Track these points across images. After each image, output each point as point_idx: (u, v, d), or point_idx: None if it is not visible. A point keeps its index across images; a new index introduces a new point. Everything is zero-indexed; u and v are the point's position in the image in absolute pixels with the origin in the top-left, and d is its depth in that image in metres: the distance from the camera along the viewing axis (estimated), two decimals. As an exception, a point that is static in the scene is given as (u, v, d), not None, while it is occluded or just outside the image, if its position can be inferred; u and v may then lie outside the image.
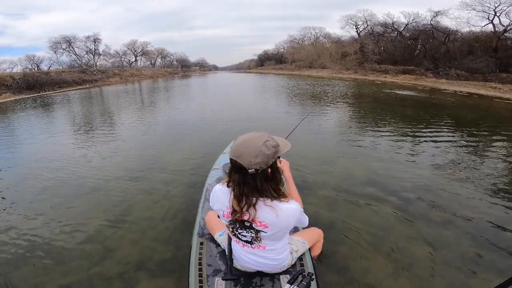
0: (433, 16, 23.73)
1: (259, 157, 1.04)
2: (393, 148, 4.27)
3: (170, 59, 57.26)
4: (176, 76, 43.17)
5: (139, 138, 5.40)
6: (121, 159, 4.07)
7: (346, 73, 27.96)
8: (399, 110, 8.21)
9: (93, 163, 3.93)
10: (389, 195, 2.74)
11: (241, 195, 1.08)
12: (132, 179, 3.27)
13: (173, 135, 5.49)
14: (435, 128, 5.69)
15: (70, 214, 2.56)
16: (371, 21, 30.81)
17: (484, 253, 1.93)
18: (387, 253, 1.94)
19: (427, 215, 2.41)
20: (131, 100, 12.55)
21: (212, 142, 4.69)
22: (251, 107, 9.39)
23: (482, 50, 20.02)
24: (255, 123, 6.37)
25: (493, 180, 3.12)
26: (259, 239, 1.19)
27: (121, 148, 4.66)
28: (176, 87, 20.12)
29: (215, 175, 2.43)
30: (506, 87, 14.57)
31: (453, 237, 2.12)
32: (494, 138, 5.05)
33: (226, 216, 1.19)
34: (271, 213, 1.10)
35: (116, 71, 35.91)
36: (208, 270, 1.41)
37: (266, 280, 1.34)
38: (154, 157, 4.07)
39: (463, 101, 10.81)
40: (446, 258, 1.89)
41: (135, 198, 2.82)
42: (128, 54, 44.44)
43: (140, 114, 8.32)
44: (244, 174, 1.06)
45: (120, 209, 2.62)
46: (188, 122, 6.67)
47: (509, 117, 7.87)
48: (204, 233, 1.68)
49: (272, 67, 51.08)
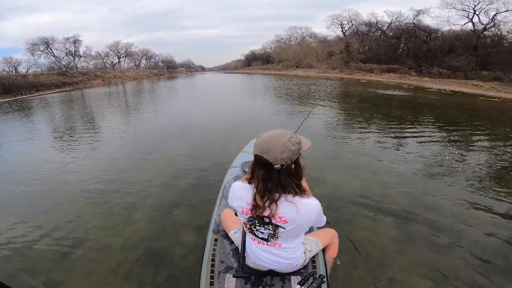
0: (415, 15, 24.20)
1: (285, 153, 1.06)
2: (389, 150, 4.15)
3: (155, 60, 56.22)
4: (161, 78, 42.28)
5: (125, 143, 5.07)
6: (95, 166, 3.72)
7: (332, 73, 28.13)
8: (390, 111, 8.11)
9: (71, 169, 3.58)
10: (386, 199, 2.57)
11: (265, 191, 1.10)
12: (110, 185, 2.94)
13: (156, 146, 5.14)
14: (427, 128, 5.60)
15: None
16: (356, 21, 31.25)
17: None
18: (402, 263, 1.86)
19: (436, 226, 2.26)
20: (112, 103, 11.97)
21: (202, 146, 4.51)
22: (245, 108, 9.09)
23: (463, 48, 20.55)
24: (251, 124, 6.15)
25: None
26: (276, 236, 1.20)
27: (96, 157, 4.29)
28: (161, 89, 19.56)
29: (233, 173, 2.42)
30: (487, 84, 14.94)
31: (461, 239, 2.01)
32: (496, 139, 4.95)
33: (245, 213, 1.20)
34: (291, 208, 1.12)
35: (98, 73, 34.82)
36: (220, 267, 1.43)
37: (276, 280, 1.33)
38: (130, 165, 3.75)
39: (449, 99, 10.93)
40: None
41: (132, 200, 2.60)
42: (111, 56, 43.23)
43: (122, 118, 7.84)
44: (270, 170, 1.08)
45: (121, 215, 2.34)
46: (170, 127, 6.32)
47: (499, 116, 7.86)
48: (219, 230, 1.70)
49: (259, 67, 50.90)
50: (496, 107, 9.28)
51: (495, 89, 13.85)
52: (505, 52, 18.48)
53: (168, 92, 17.44)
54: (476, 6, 19.84)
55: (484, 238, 2.09)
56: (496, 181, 3.08)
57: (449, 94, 12.63)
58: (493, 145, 4.49)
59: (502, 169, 3.45)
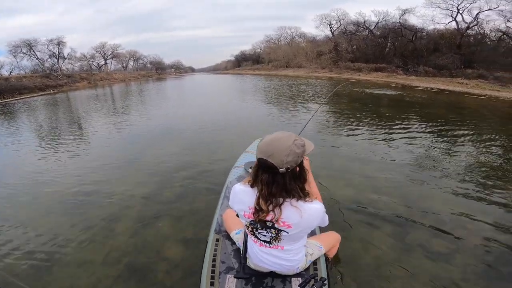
0: (401, 14, 24.63)
1: (290, 156, 1.04)
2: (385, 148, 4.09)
3: (144, 61, 55.37)
4: (150, 79, 41.56)
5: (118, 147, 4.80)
6: (74, 175, 3.49)
7: (322, 72, 28.31)
8: (381, 111, 8.12)
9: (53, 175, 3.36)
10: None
11: (269, 195, 1.08)
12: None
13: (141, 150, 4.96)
14: (419, 128, 5.58)
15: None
16: (344, 20, 31.59)
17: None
18: (401, 273, 1.79)
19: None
20: (97, 106, 11.57)
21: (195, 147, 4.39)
22: (235, 110, 8.93)
23: (447, 47, 21.03)
24: (242, 126, 5.99)
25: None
26: (278, 239, 1.20)
27: (76, 164, 4.04)
28: (149, 91, 19.15)
29: (236, 173, 2.41)
30: (472, 82, 15.30)
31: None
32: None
33: (247, 216, 1.19)
34: (295, 213, 1.11)
35: (84, 75, 33.92)
36: (221, 267, 1.43)
37: (277, 281, 1.33)
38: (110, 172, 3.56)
39: (437, 98, 11.05)
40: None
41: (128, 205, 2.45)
42: (97, 57, 42.25)
43: (107, 122, 7.55)
44: (274, 174, 1.06)
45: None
46: (156, 131, 6.12)
47: (488, 114, 7.93)
48: (221, 230, 1.70)
49: (249, 67, 50.79)
50: (484, 105, 9.37)
51: (480, 86, 14.19)
52: (488, 50, 19.06)
53: (157, 94, 17.10)
54: (459, 5, 20.37)
55: (484, 244, 2.01)
56: (492, 182, 3.01)
57: (437, 93, 12.82)
58: (487, 144, 4.48)
59: (498, 170, 3.40)
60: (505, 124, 6.37)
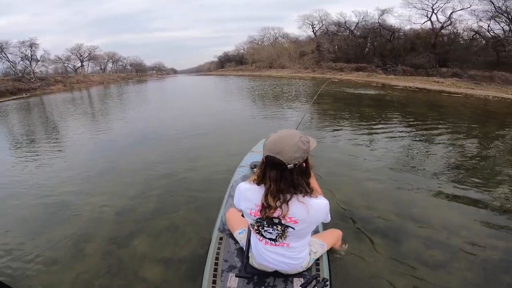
0: (380, 14, 25.30)
1: (298, 152, 1.07)
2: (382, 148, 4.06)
3: (123, 63, 53.66)
4: (130, 81, 40.31)
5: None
6: (37, 188, 3.18)
7: (305, 72, 28.58)
8: (364, 110, 8.21)
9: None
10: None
11: (277, 192, 1.11)
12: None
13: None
14: (403, 128, 5.65)
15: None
16: (326, 21, 32.08)
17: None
18: (408, 269, 1.78)
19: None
20: (71, 110, 10.92)
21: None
22: (218, 111, 8.71)
23: (423, 46, 21.83)
24: (226, 129, 5.79)
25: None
26: (284, 236, 1.21)
27: (41, 177, 3.71)
28: (128, 93, 18.48)
29: (242, 172, 2.41)
30: (447, 81, 15.94)
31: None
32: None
33: (254, 214, 1.20)
34: (302, 209, 1.13)
35: (59, 78, 32.39)
36: (224, 265, 1.43)
37: (279, 281, 1.33)
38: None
39: (417, 97, 11.34)
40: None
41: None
42: (72, 59, 40.48)
43: (80, 128, 7.09)
44: (282, 170, 1.09)
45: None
46: (133, 137, 5.83)
47: (468, 112, 8.18)
48: (225, 229, 1.70)
49: (233, 68, 50.48)
50: (462, 104, 9.72)
51: (455, 85, 14.80)
52: (461, 49, 19.95)
53: (137, 96, 16.54)
54: (434, 5, 21.19)
55: (482, 251, 1.93)
56: (485, 184, 2.92)
57: (416, 91, 13.22)
58: (470, 143, 4.56)
59: (486, 170, 3.39)
60: (485, 122, 6.62)
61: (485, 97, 11.45)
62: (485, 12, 18.05)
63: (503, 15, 17.21)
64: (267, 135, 1.16)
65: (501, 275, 1.75)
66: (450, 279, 1.73)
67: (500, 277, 1.73)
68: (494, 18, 17.87)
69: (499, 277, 1.74)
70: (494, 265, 1.82)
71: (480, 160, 3.73)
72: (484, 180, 3.05)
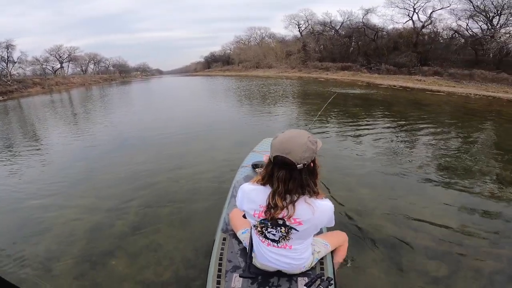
0: (364, 14, 25.68)
1: (307, 152, 1.08)
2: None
3: (106, 64, 52.08)
4: (113, 83, 39.14)
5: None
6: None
7: (291, 72, 28.70)
8: (354, 112, 8.21)
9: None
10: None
11: (286, 192, 1.10)
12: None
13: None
14: (391, 129, 5.65)
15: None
16: (311, 20, 32.36)
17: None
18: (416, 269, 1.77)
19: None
20: (46, 115, 10.38)
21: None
22: (204, 118, 8.50)
23: (405, 45, 22.37)
24: (214, 133, 5.57)
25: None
26: (288, 238, 1.20)
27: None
28: (109, 95, 17.86)
29: (244, 173, 2.40)
30: (429, 79, 16.36)
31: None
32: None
33: (258, 216, 1.19)
34: (308, 210, 1.13)
35: (37, 80, 31.04)
36: (227, 266, 1.44)
37: (283, 281, 1.33)
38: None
39: (402, 96, 11.50)
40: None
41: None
42: (51, 61, 38.88)
43: (52, 134, 6.70)
44: (292, 170, 1.09)
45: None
46: (110, 144, 5.54)
47: (452, 110, 8.37)
48: (228, 229, 1.70)
49: (219, 68, 50.04)
50: (446, 102, 9.93)
51: (437, 83, 15.22)
52: (442, 48, 20.56)
53: (119, 99, 15.99)
54: (415, 4, 21.74)
55: (486, 263, 1.82)
56: (483, 192, 2.81)
57: (400, 90, 13.46)
58: (458, 142, 4.61)
59: (484, 174, 3.28)
60: (471, 119, 6.77)
61: (467, 95, 11.81)
62: (464, 11, 18.73)
63: (481, 13, 17.87)
64: (275, 135, 1.15)
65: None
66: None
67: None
68: (473, 17, 18.54)
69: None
70: (501, 277, 1.74)
71: (480, 165, 3.63)
72: (487, 185, 2.96)
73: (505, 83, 13.53)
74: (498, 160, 3.70)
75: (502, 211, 2.44)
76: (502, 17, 16.95)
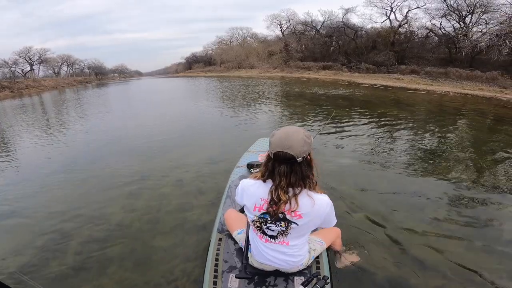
0: (344, 13, 25.96)
1: (305, 146, 1.14)
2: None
3: (80, 66, 49.86)
4: (89, 85, 37.37)
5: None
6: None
7: (273, 72, 28.58)
8: (342, 113, 8.07)
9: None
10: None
11: (288, 186, 1.15)
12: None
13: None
14: (375, 129, 5.49)
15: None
16: (293, 20, 32.47)
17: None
18: (410, 264, 1.79)
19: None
20: (10, 122, 9.54)
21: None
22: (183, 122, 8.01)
23: (383, 44, 22.82)
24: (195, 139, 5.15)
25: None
26: (286, 233, 1.23)
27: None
28: (86, 98, 16.85)
29: (239, 173, 2.39)
30: (407, 77, 16.67)
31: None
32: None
33: (258, 209, 1.21)
34: (308, 203, 1.17)
35: (5, 84, 29.08)
36: (224, 266, 1.43)
37: (280, 280, 1.33)
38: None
39: (385, 95, 11.33)
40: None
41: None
42: (21, 63, 36.66)
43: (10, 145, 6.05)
44: (292, 164, 1.14)
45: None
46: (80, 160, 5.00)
47: (440, 109, 8.29)
48: (224, 230, 1.69)
49: (201, 69, 49.26)
50: (429, 101, 9.84)
51: (415, 81, 15.51)
52: (417, 47, 21.12)
53: (96, 101, 15.09)
54: (392, 4, 22.20)
55: (472, 250, 1.87)
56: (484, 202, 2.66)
57: (382, 89, 13.47)
58: (449, 141, 4.51)
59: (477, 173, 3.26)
60: (459, 118, 6.78)
61: (445, 93, 12.01)
62: (438, 10, 19.30)
63: (455, 12, 18.47)
64: (271, 133, 1.18)
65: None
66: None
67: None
68: (446, 16, 19.14)
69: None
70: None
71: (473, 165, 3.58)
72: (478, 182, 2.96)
73: (479, 80, 13.98)
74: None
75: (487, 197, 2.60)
76: (474, 15, 17.58)
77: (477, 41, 16.09)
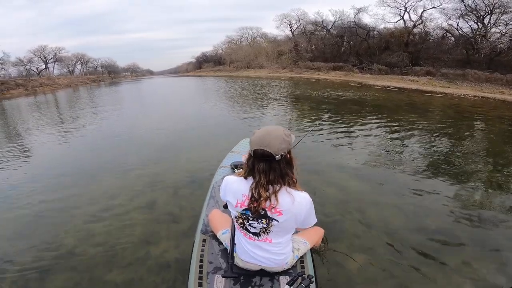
0: (356, 13, 25.42)
1: (283, 144, 1.16)
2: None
3: (94, 65, 50.91)
4: (102, 84, 38.01)
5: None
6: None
7: (282, 72, 28.29)
8: (353, 118, 7.80)
9: None
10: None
11: (267, 183, 1.17)
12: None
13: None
14: (401, 134, 5.21)
15: None
16: (303, 20, 32.13)
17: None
18: (391, 261, 1.83)
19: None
20: (23, 119, 9.65)
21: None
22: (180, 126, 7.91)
23: (397, 45, 22.18)
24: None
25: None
26: (268, 230, 1.24)
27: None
28: (97, 97, 17.05)
29: (223, 173, 2.39)
30: (422, 79, 16.10)
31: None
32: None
33: (240, 205, 1.24)
34: (288, 199, 1.18)
35: (20, 81, 29.89)
36: (209, 267, 1.42)
37: (265, 280, 1.34)
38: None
39: (401, 98, 10.69)
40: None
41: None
42: (35, 62, 37.71)
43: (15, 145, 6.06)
44: (270, 161, 1.16)
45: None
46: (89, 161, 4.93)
47: (457, 116, 7.39)
48: (207, 230, 1.68)
49: (211, 69, 49.45)
50: (449, 105, 9.17)
51: (431, 83, 14.94)
52: (433, 48, 20.42)
53: (108, 100, 15.24)
54: (406, 4, 21.58)
55: (466, 252, 1.89)
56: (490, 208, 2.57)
57: (395, 92, 12.84)
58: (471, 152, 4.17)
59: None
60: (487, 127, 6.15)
61: (465, 96, 11.32)
62: (455, 10, 18.60)
63: (472, 13, 17.74)
64: (252, 132, 1.21)
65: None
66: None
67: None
68: (463, 17, 18.42)
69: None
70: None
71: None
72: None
73: (499, 83, 13.33)
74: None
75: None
76: (493, 16, 16.84)
77: (496, 42, 15.39)
